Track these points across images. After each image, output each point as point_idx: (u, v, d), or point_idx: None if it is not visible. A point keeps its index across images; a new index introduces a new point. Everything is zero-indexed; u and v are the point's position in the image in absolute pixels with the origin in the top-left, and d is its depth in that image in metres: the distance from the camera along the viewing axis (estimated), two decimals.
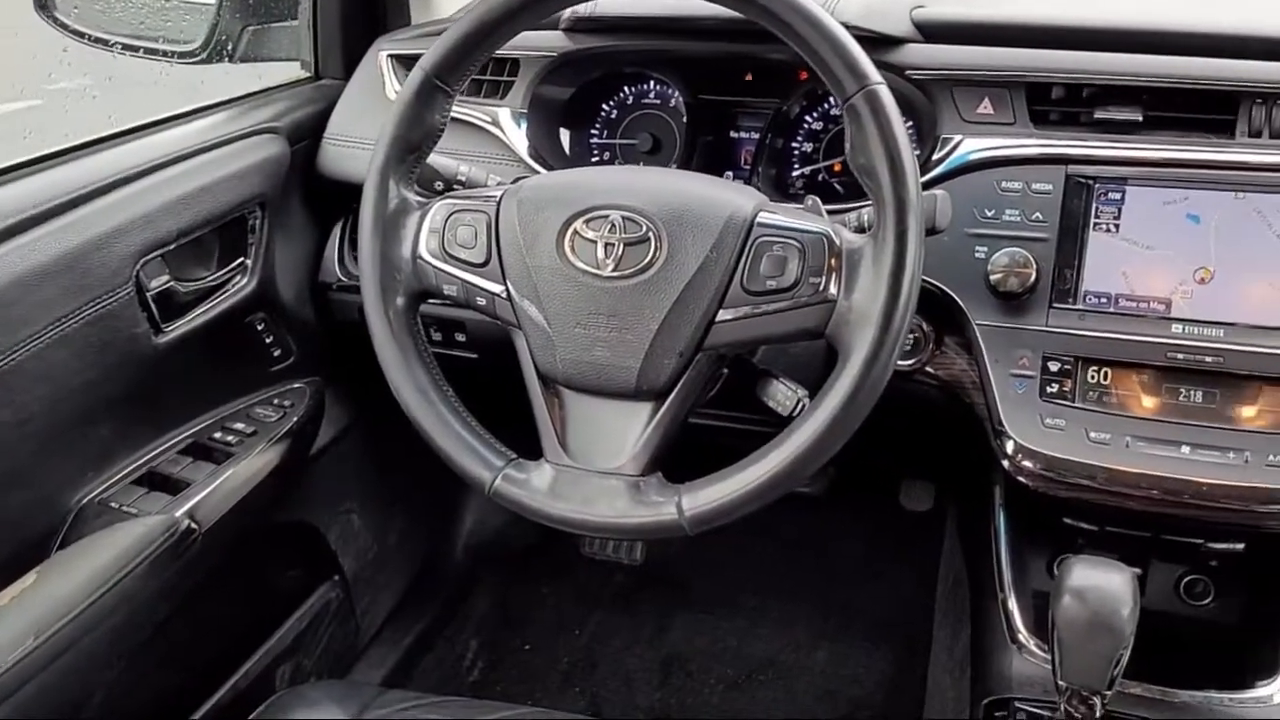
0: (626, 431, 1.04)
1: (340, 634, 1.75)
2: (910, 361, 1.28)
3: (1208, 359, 1.14)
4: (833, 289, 0.98)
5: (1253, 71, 1.18)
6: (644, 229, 1.01)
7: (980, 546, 1.41)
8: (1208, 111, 1.20)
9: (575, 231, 1.03)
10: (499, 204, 1.08)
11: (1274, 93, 1.17)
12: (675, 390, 1.02)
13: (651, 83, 1.52)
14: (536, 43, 1.44)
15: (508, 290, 1.06)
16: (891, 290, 0.95)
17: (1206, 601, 1.37)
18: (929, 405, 1.32)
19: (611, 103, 1.55)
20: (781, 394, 1.07)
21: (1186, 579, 1.38)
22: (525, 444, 1.09)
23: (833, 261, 0.98)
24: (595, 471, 1.04)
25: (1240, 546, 1.27)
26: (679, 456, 1.09)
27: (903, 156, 0.95)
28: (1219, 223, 1.17)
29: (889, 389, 0.99)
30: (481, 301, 1.08)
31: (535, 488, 1.05)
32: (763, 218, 1.01)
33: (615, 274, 1.01)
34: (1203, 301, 1.17)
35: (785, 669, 1.95)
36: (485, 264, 1.07)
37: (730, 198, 1.03)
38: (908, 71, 1.29)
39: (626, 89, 1.54)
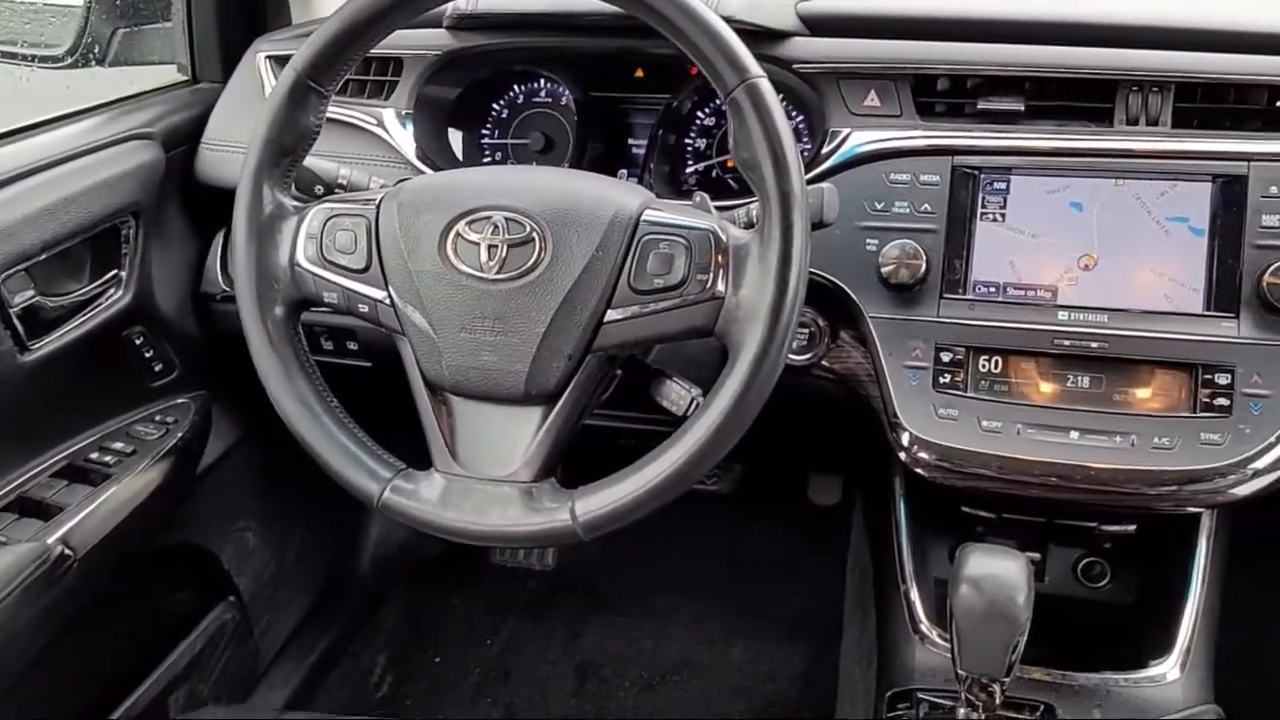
0: (517, 437, 1.01)
1: (238, 656, 1.69)
2: (805, 356, 1.27)
3: (1093, 345, 1.15)
4: (720, 286, 0.97)
5: (1128, 60, 1.20)
6: (528, 229, 0.99)
7: (883, 538, 1.41)
8: (1086, 100, 1.22)
9: (458, 234, 1.00)
10: (378, 207, 1.04)
11: (1149, 81, 1.19)
12: (566, 393, 1.00)
13: (541, 81, 1.50)
14: (420, 41, 1.41)
15: (390, 296, 1.03)
16: (779, 286, 0.94)
17: (1103, 583, 1.40)
18: (827, 399, 1.31)
19: (502, 102, 1.52)
20: (675, 394, 1.05)
21: (1084, 562, 1.41)
22: (426, 454, 1.06)
23: (719, 258, 0.97)
24: (486, 479, 1.01)
25: (1132, 528, 1.29)
26: (578, 460, 1.07)
27: (785, 150, 0.94)
28: (1101, 210, 1.19)
29: (786, 384, 0.98)
30: (363, 308, 1.05)
31: (425, 498, 1.02)
32: (648, 215, 0.99)
33: (500, 276, 0.99)
34: (1087, 288, 1.18)
35: (700, 668, 1.94)
36: (366, 269, 1.04)
37: (615, 195, 1.01)
38: (794, 65, 1.29)
39: (516, 87, 1.51)
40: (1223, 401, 1.11)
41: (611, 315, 0.98)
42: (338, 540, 2.04)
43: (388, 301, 1.03)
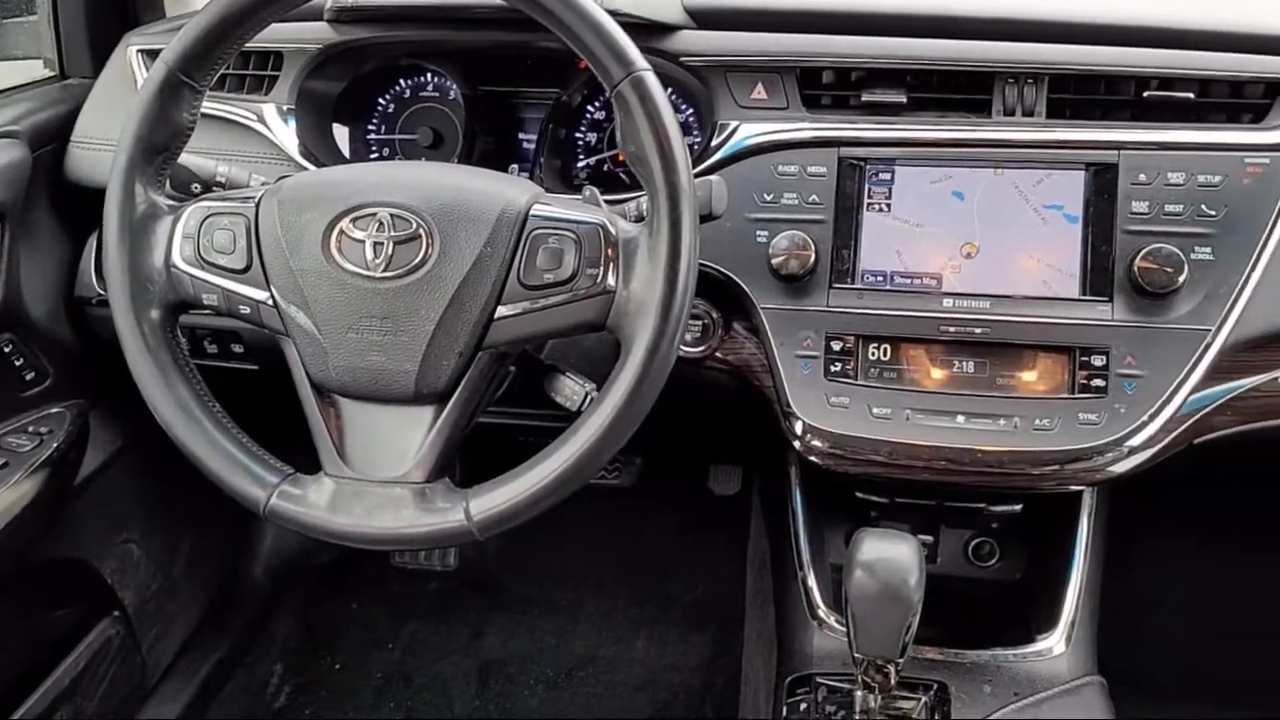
0: (408, 438, 1.00)
1: (124, 673, 1.63)
2: (700, 348, 1.28)
3: (977, 330, 1.18)
4: (611, 280, 0.96)
5: (1004, 53, 1.24)
6: (414, 226, 0.97)
7: (781, 527, 1.43)
8: (965, 92, 1.25)
9: (341, 231, 0.98)
10: (258, 205, 1.01)
11: (1023, 72, 1.23)
12: (457, 392, 0.99)
13: (428, 75, 1.47)
14: (300, 34, 1.37)
15: (273, 297, 1.00)
16: (669, 279, 0.94)
17: (992, 562, 1.44)
18: (722, 390, 1.32)
19: (388, 96, 1.49)
20: (569, 389, 1.05)
21: (974, 542, 1.45)
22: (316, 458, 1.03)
23: (609, 252, 0.96)
24: (377, 482, 1.00)
25: (1018, 508, 1.33)
26: (478, 459, 1.06)
27: (672, 143, 0.94)
28: (981, 199, 1.22)
29: (680, 376, 0.98)
30: (245, 310, 1.02)
31: (314, 503, 1.00)
32: (537, 210, 0.98)
33: (386, 274, 0.97)
34: (970, 275, 1.21)
35: (605, 663, 1.94)
36: (246, 270, 1.01)
37: (503, 190, 1.00)
38: (681, 58, 1.29)
39: (403, 82, 1.49)
40: (1099, 383, 1.15)
41: (502, 311, 0.97)
42: (229, 549, 1.98)
43: (270, 302, 1.00)
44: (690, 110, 1.40)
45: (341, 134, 1.47)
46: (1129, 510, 1.50)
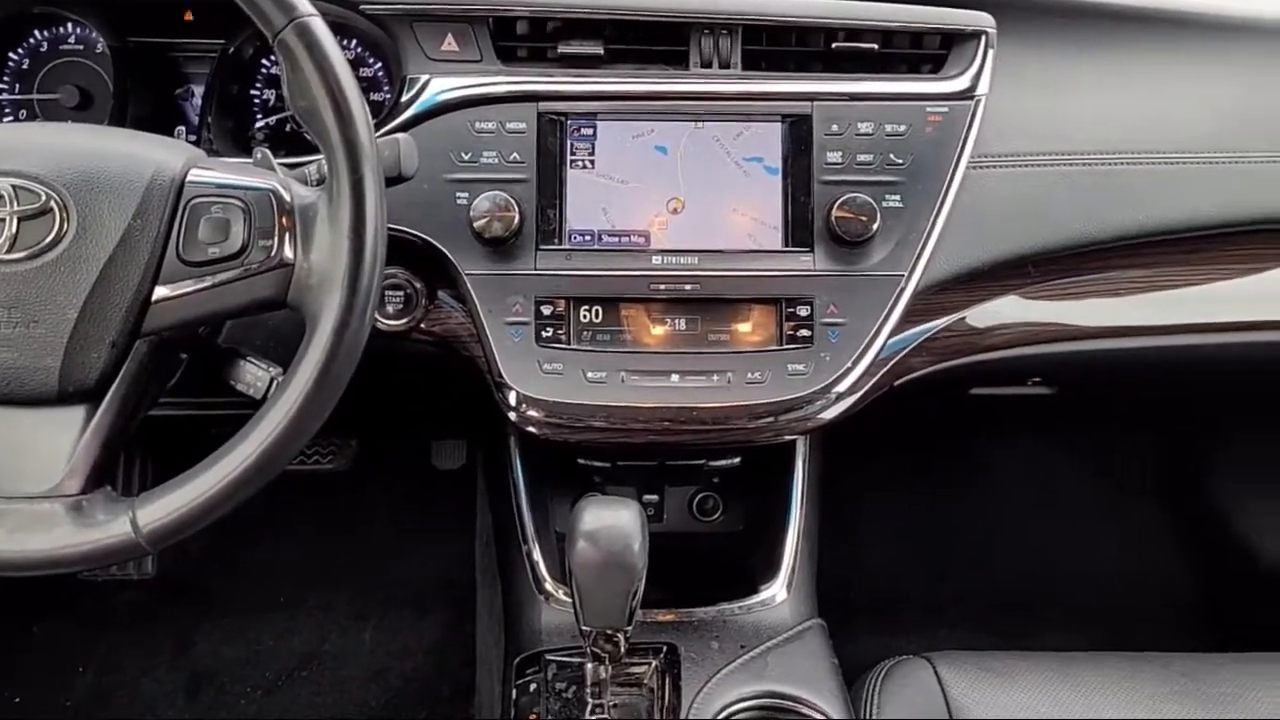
0: (56, 444, 0.86)
1: None
2: (402, 320, 1.19)
3: (687, 287, 1.17)
4: (288, 251, 0.87)
5: (698, 4, 1.21)
6: (43, 199, 0.83)
7: (505, 499, 1.38)
8: (662, 44, 1.22)
9: None
10: None
11: (718, 24, 1.21)
12: (113, 388, 0.87)
13: (69, 25, 1.29)
14: None
15: None
16: (354, 247, 0.85)
17: (716, 516, 1.45)
18: (431, 363, 1.24)
19: (21, 51, 1.29)
20: (250, 375, 0.95)
21: (698, 498, 1.45)
22: None
23: (284, 220, 0.87)
24: (22, 498, 0.86)
25: (737, 461, 1.34)
26: (166, 458, 0.93)
27: (346, 95, 0.85)
28: (684, 153, 1.20)
29: (382, 351, 0.92)
30: None
31: None
32: (195, 175, 0.87)
33: (11, 257, 0.83)
34: (677, 231, 1.19)
35: (330, 658, 1.84)
36: None
37: (153, 154, 0.87)
38: (362, 6, 1.19)
39: (38, 33, 1.29)
40: (805, 332, 1.16)
41: (161, 293, 0.85)
42: None
43: None
44: (379, 64, 1.30)
45: None
46: (842, 455, 1.55)
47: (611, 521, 1.03)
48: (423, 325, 1.20)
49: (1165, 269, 1.34)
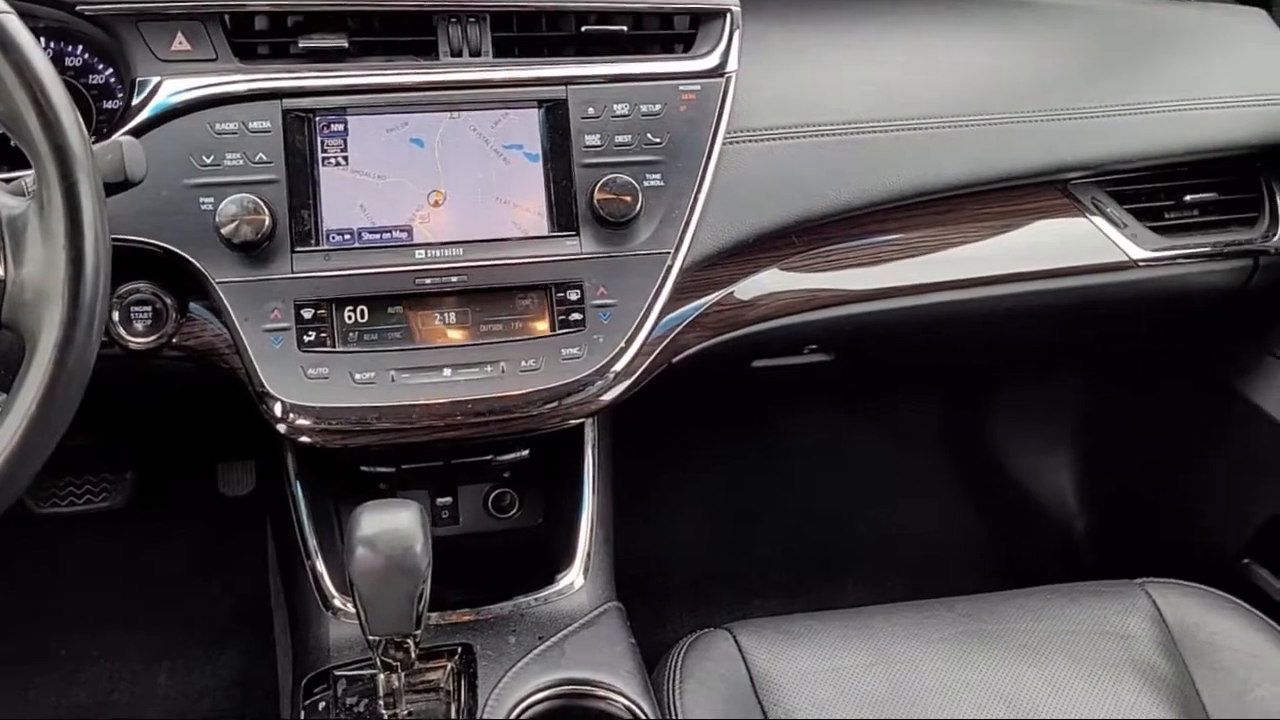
0: None
1: None
2: (152, 337, 1.12)
3: (454, 279, 1.14)
4: None
5: None
6: None
7: (288, 517, 1.32)
8: (410, 34, 1.19)
9: None
10: None
11: (465, 11, 1.19)
12: None
13: None
14: None
15: None
16: (72, 258, 0.80)
17: (514, 512, 1.43)
18: (190, 382, 1.18)
19: None
20: None
21: (493, 494, 1.43)
22: None
23: None
24: None
25: (526, 453, 1.32)
26: None
27: (50, 97, 0.80)
28: (441, 144, 1.18)
29: (131, 372, 0.86)
30: None
31: None
32: None
33: None
34: (441, 224, 1.17)
35: (122, 708, 1.72)
36: None
37: None
38: (79, 7, 1.11)
39: None
40: (576, 316, 1.15)
41: None
42: None
43: None
44: (109, 70, 1.22)
45: None
46: (637, 437, 1.56)
47: (391, 525, 1.00)
48: (175, 340, 1.13)
49: (921, 231, 1.41)
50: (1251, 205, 1.54)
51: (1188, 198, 1.51)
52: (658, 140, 1.20)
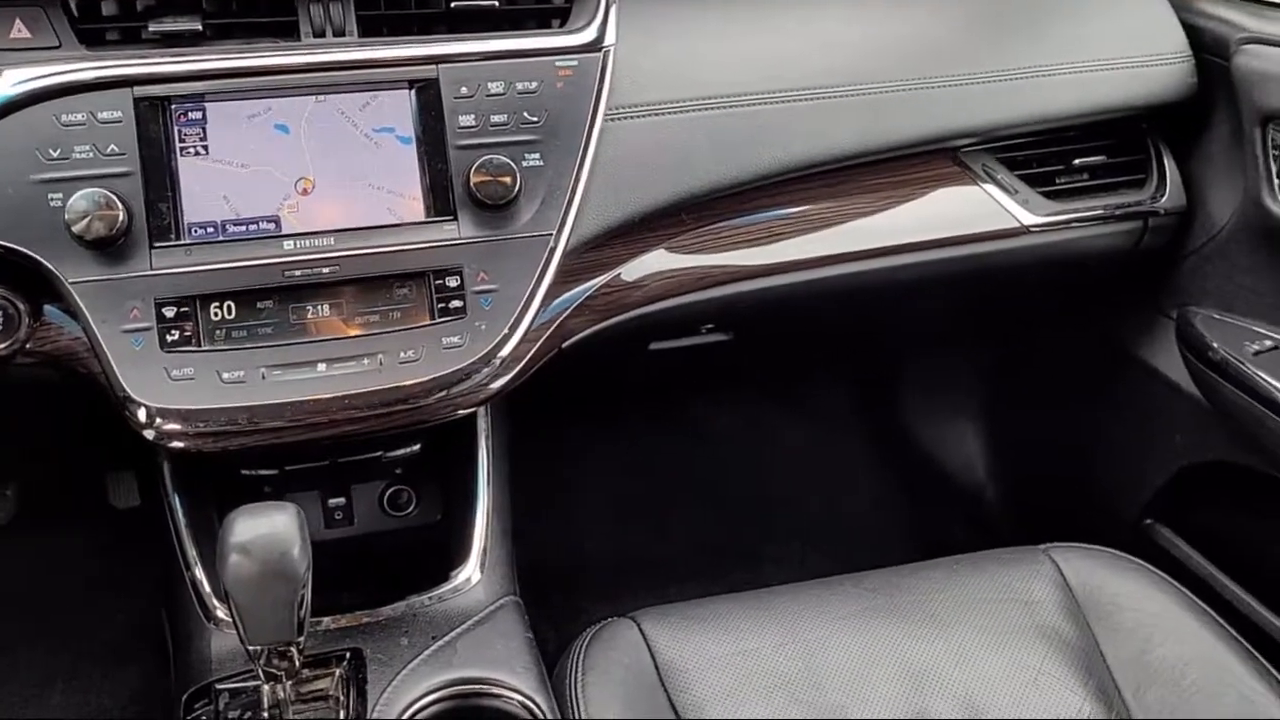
0: None
1: None
2: (5, 344, 1.06)
3: (325, 270, 1.09)
4: None
5: None
6: None
7: (162, 524, 1.26)
8: (269, 14, 1.14)
9: None
10: None
11: None
12: None
13: None
14: None
15: None
16: None
17: (411, 510, 1.39)
18: (48, 389, 1.12)
19: None
20: None
21: (389, 493, 1.38)
22: None
23: None
24: None
25: (417, 447, 1.28)
26: None
27: None
28: (307, 130, 1.12)
29: None
30: None
31: None
32: None
33: None
34: (309, 213, 1.11)
35: None
36: None
37: None
38: None
39: None
40: (457, 303, 1.11)
41: None
42: None
43: None
44: None
45: None
46: (540, 425, 1.53)
47: (266, 529, 0.95)
48: (29, 346, 1.07)
49: (813, 204, 1.39)
50: (1139, 167, 1.55)
51: (1077, 161, 1.51)
52: (535, 119, 1.17)
